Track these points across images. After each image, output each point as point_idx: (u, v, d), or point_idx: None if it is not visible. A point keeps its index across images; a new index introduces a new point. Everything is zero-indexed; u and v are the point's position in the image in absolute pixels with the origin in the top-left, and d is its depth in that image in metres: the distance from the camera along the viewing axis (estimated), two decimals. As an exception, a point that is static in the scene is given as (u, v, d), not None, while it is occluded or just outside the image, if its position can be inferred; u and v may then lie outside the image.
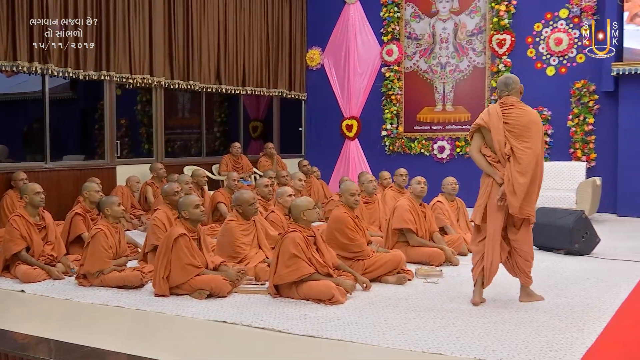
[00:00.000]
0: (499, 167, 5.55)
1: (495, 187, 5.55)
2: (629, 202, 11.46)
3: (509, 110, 5.58)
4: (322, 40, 14.74)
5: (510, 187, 5.43)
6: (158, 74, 11.41)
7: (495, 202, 5.53)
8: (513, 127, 5.51)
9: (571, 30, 12.11)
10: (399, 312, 5.43)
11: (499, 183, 5.52)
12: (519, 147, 5.45)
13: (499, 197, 5.49)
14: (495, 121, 5.55)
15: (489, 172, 5.60)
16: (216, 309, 5.53)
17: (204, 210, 6.27)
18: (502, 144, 5.50)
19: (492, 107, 5.68)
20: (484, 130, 5.65)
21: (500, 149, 5.51)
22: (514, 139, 5.49)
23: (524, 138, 5.48)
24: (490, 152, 5.61)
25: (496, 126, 5.53)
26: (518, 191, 5.41)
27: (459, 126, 13.30)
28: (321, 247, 6.06)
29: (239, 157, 12.53)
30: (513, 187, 5.42)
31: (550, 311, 5.43)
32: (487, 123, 5.59)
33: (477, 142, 5.70)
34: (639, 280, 6.61)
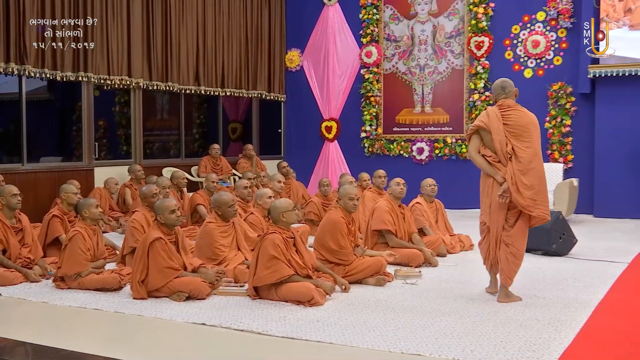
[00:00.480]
0: (500, 166, 5.73)
1: (497, 187, 5.72)
2: (606, 203, 11.57)
3: (507, 112, 5.80)
4: (301, 42, 14.74)
5: (514, 186, 5.62)
6: (136, 75, 11.35)
7: (497, 200, 5.69)
8: (513, 127, 5.73)
9: (548, 32, 12.21)
10: (378, 313, 5.44)
11: (499, 182, 5.69)
12: (520, 147, 5.67)
13: (500, 194, 5.64)
14: (495, 122, 5.76)
15: (489, 172, 5.78)
16: (195, 311, 5.50)
17: (179, 216, 6.19)
18: (503, 144, 5.70)
19: (490, 110, 5.88)
20: (482, 132, 5.85)
21: (502, 148, 5.70)
22: (514, 139, 5.70)
23: (523, 138, 5.70)
24: (490, 153, 5.80)
25: (496, 127, 5.74)
26: (522, 189, 5.61)
27: (437, 128, 13.35)
28: (300, 249, 6.06)
29: (218, 158, 12.50)
30: (517, 186, 5.62)
31: (528, 311, 5.46)
32: (487, 125, 5.79)
33: (475, 144, 5.90)
34: (615, 280, 6.68)
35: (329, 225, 6.66)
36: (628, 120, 11.34)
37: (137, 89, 11.59)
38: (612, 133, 11.49)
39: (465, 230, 9.29)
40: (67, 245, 6.42)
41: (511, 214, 5.77)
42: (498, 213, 5.76)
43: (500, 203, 5.69)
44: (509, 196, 5.64)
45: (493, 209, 5.78)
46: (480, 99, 12.67)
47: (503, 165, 5.72)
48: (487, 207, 5.84)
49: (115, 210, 10.54)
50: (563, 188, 10.74)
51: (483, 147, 5.86)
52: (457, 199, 12.59)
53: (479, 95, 12.69)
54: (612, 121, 11.48)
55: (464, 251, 8.42)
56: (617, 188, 11.47)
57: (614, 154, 11.49)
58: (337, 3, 14.25)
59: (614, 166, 11.49)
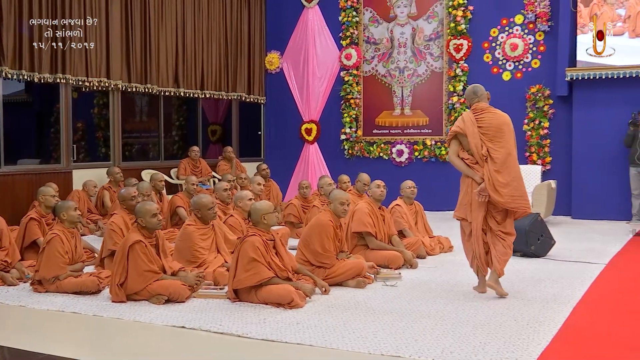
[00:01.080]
0: (478, 168, 6.05)
1: (475, 186, 6.04)
2: (583, 205, 11.67)
3: (481, 115, 6.12)
4: (281, 44, 14.74)
5: (491, 185, 5.94)
6: (115, 77, 11.28)
7: (476, 199, 6.01)
8: (487, 129, 6.05)
9: (526, 35, 12.30)
10: (358, 315, 5.45)
11: (478, 182, 6.01)
12: (494, 148, 6.01)
13: (478, 192, 5.96)
14: (470, 126, 6.08)
15: (468, 174, 6.11)
16: (174, 314, 5.48)
17: (161, 220, 6.19)
18: (479, 146, 6.03)
19: (465, 115, 6.21)
20: (460, 136, 6.17)
21: (478, 151, 6.03)
22: (488, 141, 6.03)
23: (497, 139, 6.04)
24: (468, 155, 6.12)
25: (471, 131, 6.06)
26: (499, 187, 5.94)
27: (417, 130, 13.40)
28: (280, 251, 6.05)
29: (198, 160, 12.46)
30: (494, 185, 5.94)
31: (507, 312, 5.50)
32: (462, 129, 6.10)
33: (454, 148, 6.23)
34: (592, 281, 6.74)
35: (316, 227, 6.64)
36: (605, 122, 11.45)
37: (115, 91, 11.52)
38: (589, 135, 11.59)
39: (444, 232, 9.33)
40: (44, 248, 6.36)
41: (497, 212, 6.07)
42: (477, 211, 6.05)
43: (480, 202, 6.00)
44: (486, 195, 5.95)
45: (474, 208, 6.08)
46: (459, 102, 12.73)
47: (480, 166, 6.03)
48: (468, 205, 6.13)
49: (93, 213, 10.47)
50: (541, 190, 10.82)
51: (462, 150, 6.18)
52: (437, 201, 12.65)
53: (458, 97, 12.76)
54: (589, 123, 11.59)
55: (444, 253, 8.45)
56: (595, 190, 11.58)
57: (591, 156, 11.59)
58: (316, 5, 14.26)
59: (591, 168, 11.59)
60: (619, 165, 11.24)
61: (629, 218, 10.97)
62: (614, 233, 10.08)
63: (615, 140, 11.21)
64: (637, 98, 11.08)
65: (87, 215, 10.26)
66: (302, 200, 10.04)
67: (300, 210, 9.89)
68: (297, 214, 9.85)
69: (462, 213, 6.19)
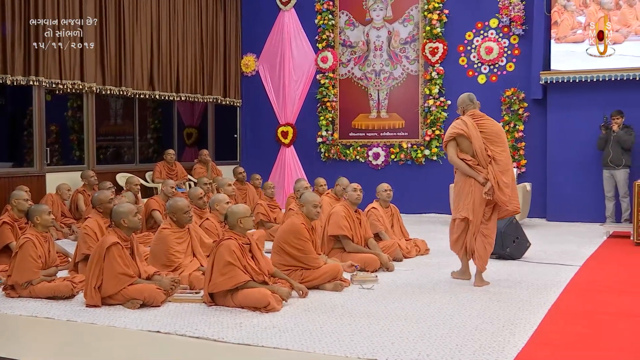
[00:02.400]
0: (480, 169, 6.56)
1: (477, 186, 6.55)
2: (558, 207, 11.76)
3: (481, 121, 6.65)
4: (257, 47, 14.71)
5: (497, 185, 6.48)
6: (89, 79, 11.19)
7: (482, 197, 6.52)
8: (489, 135, 6.59)
9: (501, 39, 12.39)
10: (335, 318, 5.45)
11: (481, 182, 6.52)
12: (496, 151, 6.56)
13: (486, 192, 6.46)
14: (474, 130, 6.57)
15: (471, 174, 6.58)
16: (149, 319, 5.44)
17: (140, 218, 6.19)
18: (483, 149, 6.54)
19: (465, 119, 6.67)
20: (460, 139, 6.63)
21: (482, 153, 6.54)
22: (490, 144, 6.57)
23: (497, 143, 6.59)
24: (469, 157, 6.61)
25: (475, 135, 6.55)
26: (503, 187, 6.50)
27: (393, 133, 13.44)
28: (256, 255, 6.04)
29: (173, 164, 12.40)
30: (499, 185, 6.49)
31: (483, 315, 5.52)
32: (466, 132, 6.57)
33: (454, 149, 6.67)
34: (567, 283, 6.79)
35: (290, 231, 6.61)
36: (579, 125, 11.55)
37: (90, 94, 11.43)
38: (563, 138, 11.69)
39: (421, 234, 9.37)
40: (17, 253, 6.29)
41: (487, 209, 6.62)
42: (479, 208, 6.58)
43: (482, 199, 6.53)
44: (492, 193, 6.47)
45: (476, 205, 6.58)
46: (435, 105, 12.79)
47: (483, 167, 6.55)
48: (470, 204, 6.59)
49: (67, 217, 10.38)
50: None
51: (460, 152, 6.65)
52: (413, 204, 12.71)
53: (434, 100, 12.81)
54: (563, 126, 11.69)
55: (420, 255, 8.48)
56: (570, 192, 11.68)
57: (565, 159, 11.69)
58: (292, 8, 14.26)
59: (566, 171, 11.69)
60: (593, 167, 11.34)
61: (603, 220, 11.08)
62: (589, 235, 10.17)
63: (590, 143, 11.31)
64: (611, 101, 11.19)
65: (60, 219, 10.17)
66: (269, 201, 10.36)
67: (268, 209, 10.11)
68: (266, 212, 10.10)
69: (465, 213, 6.62)
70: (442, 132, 12.71)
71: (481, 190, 6.53)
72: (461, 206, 6.68)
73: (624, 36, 11.28)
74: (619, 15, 11.33)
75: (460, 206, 6.70)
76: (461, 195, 6.69)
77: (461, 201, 6.69)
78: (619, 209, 11.01)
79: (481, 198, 6.54)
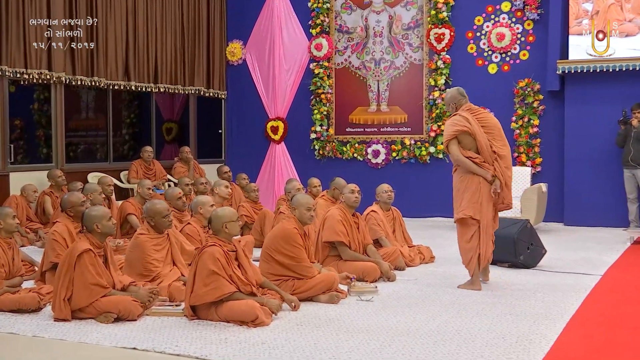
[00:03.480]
0: (487, 166, 6.81)
1: (485, 183, 6.80)
2: (577, 211, 11.78)
3: (480, 115, 6.91)
4: (243, 33, 14.71)
5: (504, 182, 6.79)
6: (58, 68, 11.17)
7: (489, 196, 6.78)
8: (490, 129, 6.86)
9: (514, 24, 12.42)
10: (330, 333, 5.45)
11: (489, 180, 6.76)
12: (498, 146, 6.82)
13: (495, 190, 6.74)
14: (476, 126, 6.80)
15: (479, 172, 6.80)
16: (125, 334, 5.43)
17: (115, 223, 6.18)
18: (488, 145, 6.79)
19: (465, 114, 6.86)
20: (462, 136, 6.82)
21: (488, 149, 6.79)
22: (492, 139, 6.82)
23: (498, 138, 6.87)
24: (475, 155, 6.83)
25: (479, 131, 6.79)
26: (509, 183, 6.83)
27: (394, 128, 13.46)
28: (243, 263, 6.04)
29: (151, 162, 12.39)
30: (505, 181, 6.80)
31: (494, 329, 5.53)
32: (470, 129, 6.78)
33: (457, 147, 6.86)
34: (587, 295, 6.80)
35: (282, 237, 6.59)
36: (600, 120, 11.57)
37: (58, 84, 11.41)
38: (583, 134, 11.71)
39: (425, 240, 9.38)
40: (-22, 261, 6.28)
41: (492, 208, 6.90)
42: (487, 208, 6.82)
43: (490, 198, 6.78)
44: (500, 191, 6.76)
45: (484, 204, 6.81)
46: (440, 97, 12.80)
47: (489, 164, 6.79)
48: (478, 203, 6.80)
49: (33, 221, 10.37)
50: (531, 194, 10.91)
51: (463, 150, 6.84)
52: (417, 206, 12.72)
53: (440, 92, 12.83)
54: (583, 121, 11.71)
55: (425, 264, 8.49)
56: (589, 194, 11.70)
57: (585, 157, 11.70)
58: (283, -10, 14.28)
59: (585, 170, 11.71)
60: (616, 167, 11.36)
61: (626, 225, 11.11)
62: (611, 241, 10.19)
63: (612, 139, 11.32)
64: (634, 93, 11.22)
65: (26, 224, 10.16)
66: (252, 203, 10.45)
67: (252, 211, 10.29)
68: (250, 214, 10.25)
69: (471, 211, 6.81)
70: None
71: (488, 189, 6.79)
72: (465, 204, 6.88)
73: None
74: (632, 2, 11.37)
75: (464, 204, 6.89)
76: (465, 194, 6.88)
77: (465, 199, 6.88)
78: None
79: (489, 197, 6.80)
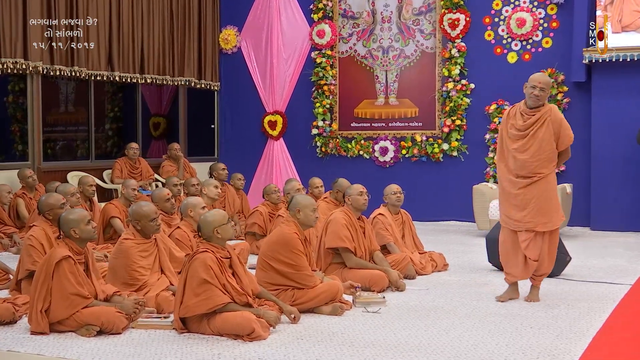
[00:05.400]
0: None
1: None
2: (604, 214, 11.76)
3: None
4: (238, 19, 14.72)
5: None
6: (34, 57, 11.18)
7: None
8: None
9: (535, 9, 12.42)
10: (333, 348, 5.46)
11: None
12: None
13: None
14: None
15: None
16: (108, 349, 5.45)
17: (95, 227, 6.18)
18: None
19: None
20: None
21: None
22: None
23: None
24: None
25: None
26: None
27: (404, 123, 13.46)
28: (238, 271, 6.04)
29: (137, 160, 12.40)
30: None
31: (514, 344, 5.53)
32: None
33: None
34: (616, 306, 6.81)
35: (280, 243, 6.58)
36: (630, 114, 11.55)
37: (35, 75, 11.42)
38: (611, 130, 11.69)
39: (437, 246, 9.38)
40: (-53, 269, 6.30)
41: None
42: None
43: None
44: None
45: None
46: (455, 89, 12.81)
47: None
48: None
49: (7, 225, 10.37)
50: (554, 195, 10.89)
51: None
52: (428, 209, 12.73)
53: (454, 83, 12.83)
54: (611, 115, 11.69)
55: (437, 272, 8.49)
56: (618, 196, 11.68)
57: (614, 156, 11.67)
58: (282, -29, 14.29)
59: (613, 170, 11.69)
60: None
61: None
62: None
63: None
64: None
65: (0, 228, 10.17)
66: (271, 208, 10.11)
67: (267, 219, 9.95)
68: (263, 224, 9.90)
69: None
70: (464, 122, 12.74)
71: None
72: (560, 210, 7.23)
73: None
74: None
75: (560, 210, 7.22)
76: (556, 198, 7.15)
77: (558, 204, 7.17)
78: None
79: None
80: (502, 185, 7.03)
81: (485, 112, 12.49)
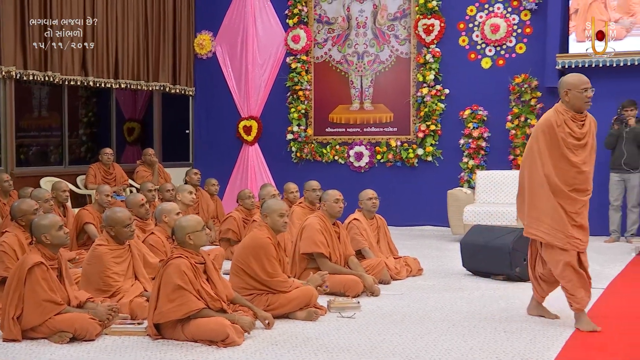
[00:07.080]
0: None
1: None
2: (578, 218, 11.83)
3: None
4: (213, 23, 14.70)
5: None
6: (7, 62, 11.11)
7: None
8: None
9: (509, 15, 12.48)
10: (308, 353, 5.46)
11: None
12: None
13: None
14: None
15: None
16: (82, 356, 5.42)
17: (68, 232, 6.15)
18: None
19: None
20: None
21: None
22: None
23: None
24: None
25: None
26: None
27: (379, 128, 13.48)
28: (213, 277, 6.04)
29: (111, 166, 12.34)
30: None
31: (488, 348, 5.56)
32: None
33: None
34: (588, 310, 6.84)
35: (253, 248, 6.59)
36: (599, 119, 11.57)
37: (7, 80, 11.34)
38: (584, 135, 11.76)
39: (412, 251, 9.41)
40: None
41: None
42: None
43: None
44: None
45: None
46: (429, 94, 12.84)
47: None
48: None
49: (-20, 231, 10.29)
50: (528, 200, 10.94)
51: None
52: (403, 214, 12.75)
53: (429, 89, 12.87)
54: (584, 121, 11.75)
55: (412, 277, 8.52)
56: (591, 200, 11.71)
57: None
58: (257, -24, 14.29)
59: (587, 174, 11.75)
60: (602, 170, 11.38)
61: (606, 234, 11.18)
62: (613, 252, 10.26)
63: (615, 140, 11.40)
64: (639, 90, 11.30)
65: (-29, 234, 10.08)
66: (245, 213, 10.09)
67: (241, 224, 9.93)
68: (237, 230, 9.88)
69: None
70: (438, 127, 12.79)
71: None
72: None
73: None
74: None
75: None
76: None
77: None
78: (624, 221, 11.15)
79: None
80: (557, 205, 6.58)
81: (460, 117, 12.53)
